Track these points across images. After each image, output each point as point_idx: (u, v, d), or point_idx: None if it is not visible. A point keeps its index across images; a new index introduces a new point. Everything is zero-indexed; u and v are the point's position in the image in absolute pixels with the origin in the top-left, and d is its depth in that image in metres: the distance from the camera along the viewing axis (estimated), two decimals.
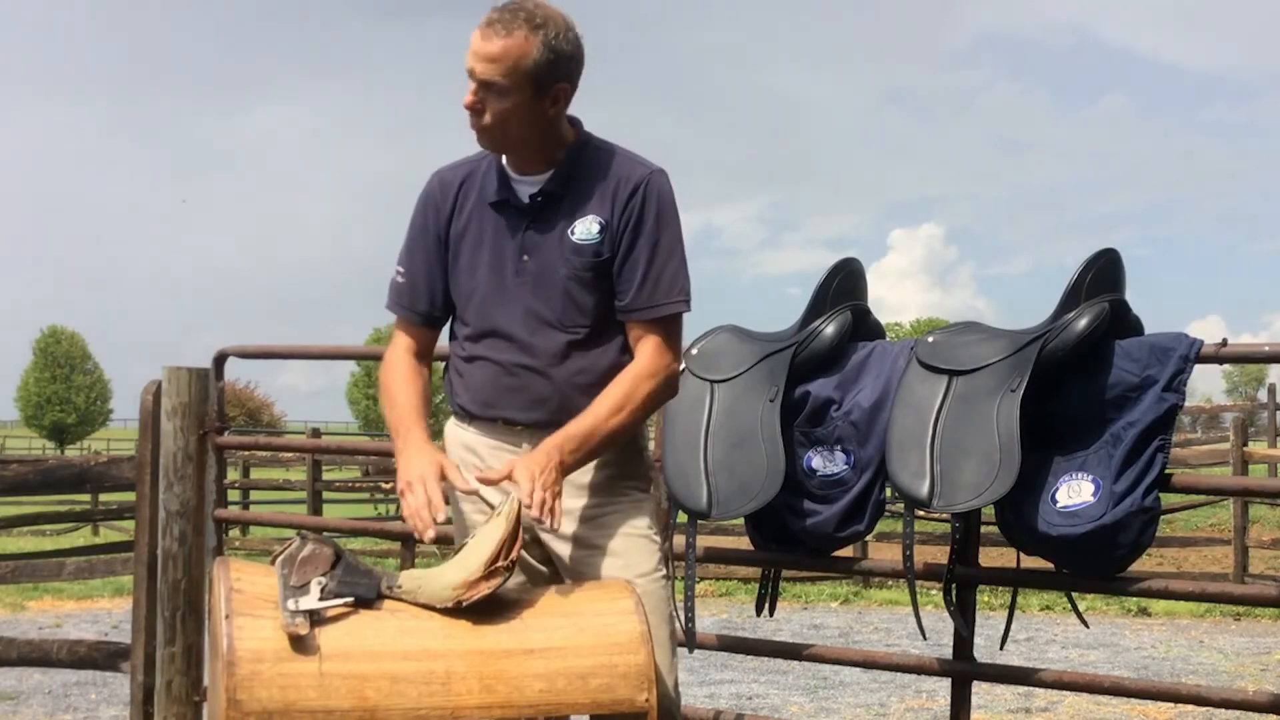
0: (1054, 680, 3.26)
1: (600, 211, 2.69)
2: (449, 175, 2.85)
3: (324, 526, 5.41)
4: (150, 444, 4.36)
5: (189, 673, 4.30)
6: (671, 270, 2.71)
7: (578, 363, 2.71)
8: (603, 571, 2.69)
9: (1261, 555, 12.85)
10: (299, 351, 4.63)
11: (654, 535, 2.75)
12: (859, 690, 7.14)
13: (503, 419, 2.76)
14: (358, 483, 18.39)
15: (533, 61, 2.58)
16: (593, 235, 2.69)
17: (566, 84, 2.65)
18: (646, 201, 2.69)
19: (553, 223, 2.71)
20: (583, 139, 2.75)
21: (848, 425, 3.30)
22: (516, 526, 2.52)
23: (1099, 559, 2.98)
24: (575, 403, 2.67)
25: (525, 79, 2.59)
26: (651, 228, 2.69)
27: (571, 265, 2.69)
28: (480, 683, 2.39)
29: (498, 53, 2.57)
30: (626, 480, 2.76)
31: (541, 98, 2.62)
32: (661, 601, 2.70)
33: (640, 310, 2.70)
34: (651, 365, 2.69)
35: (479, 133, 2.68)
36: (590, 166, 2.72)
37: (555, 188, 2.71)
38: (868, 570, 3.68)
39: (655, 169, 2.73)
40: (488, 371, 2.77)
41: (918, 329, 59.30)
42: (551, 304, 2.70)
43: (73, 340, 68.18)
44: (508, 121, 2.63)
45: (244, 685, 2.31)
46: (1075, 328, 3.06)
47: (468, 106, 2.65)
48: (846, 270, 3.49)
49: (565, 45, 2.62)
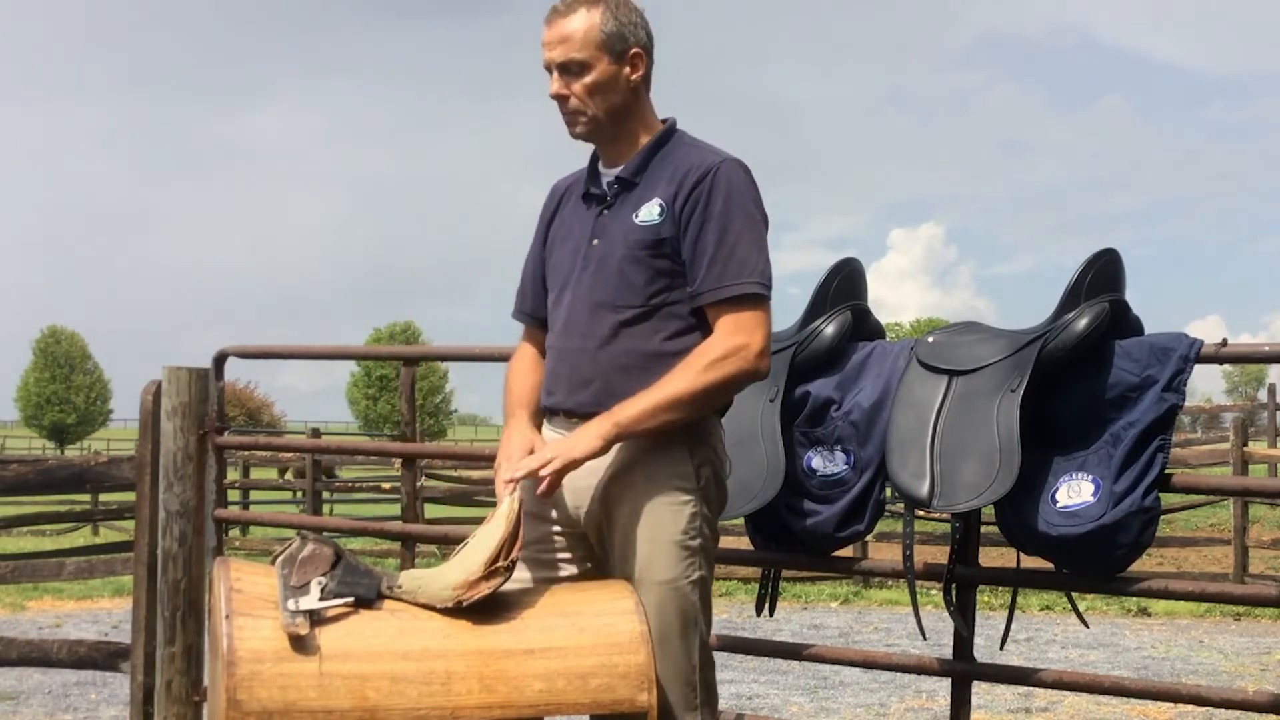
0: (1054, 680, 3.26)
1: (664, 194, 2.70)
2: (560, 183, 2.96)
3: (324, 526, 5.42)
4: (150, 444, 4.36)
5: (189, 673, 4.30)
6: (742, 253, 2.67)
7: (623, 344, 2.70)
8: (631, 575, 2.66)
9: (1261, 555, 12.85)
10: (299, 351, 4.63)
11: (688, 540, 2.68)
12: (859, 690, 7.14)
13: (562, 410, 2.77)
14: (358, 483, 18.40)
15: (601, 31, 2.69)
16: (653, 217, 2.70)
17: (640, 49, 2.73)
18: (715, 187, 2.68)
19: (624, 208, 2.75)
20: (668, 132, 2.80)
21: (848, 425, 3.30)
22: (517, 526, 2.52)
23: (1099, 559, 2.98)
24: (618, 387, 2.66)
25: (599, 48, 2.69)
26: (720, 211, 2.67)
27: (628, 244, 2.70)
28: (480, 683, 2.39)
29: (567, 32, 2.70)
30: (668, 480, 2.69)
31: (620, 64, 2.71)
32: (681, 608, 2.65)
33: (708, 292, 2.67)
34: (720, 346, 2.64)
35: (570, 120, 2.76)
36: (668, 156, 2.76)
37: (630, 174, 2.76)
38: (868, 570, 3.68)
39: (731, 158, 2.73)
40: (552, 358, 2.82)
41: (918, 329, 59.31)
42: (607, 285, 2.71)
43: (73, 340, 68.23)
44: (593, 95, 2.71)
45: (244, 685, 2.31)
46: (1075, 328, 3.06)
47: (554, 95, 2.73)
48: (846, 270, 3.49)
49: (628, 13, 2.73)
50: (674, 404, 2.61)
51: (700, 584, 2.70)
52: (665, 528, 2.67)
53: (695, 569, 2.68)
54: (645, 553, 2.66)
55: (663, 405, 2.60)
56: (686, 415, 2.64)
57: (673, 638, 2.64)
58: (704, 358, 2.63)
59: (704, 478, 2.71)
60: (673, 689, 2.64)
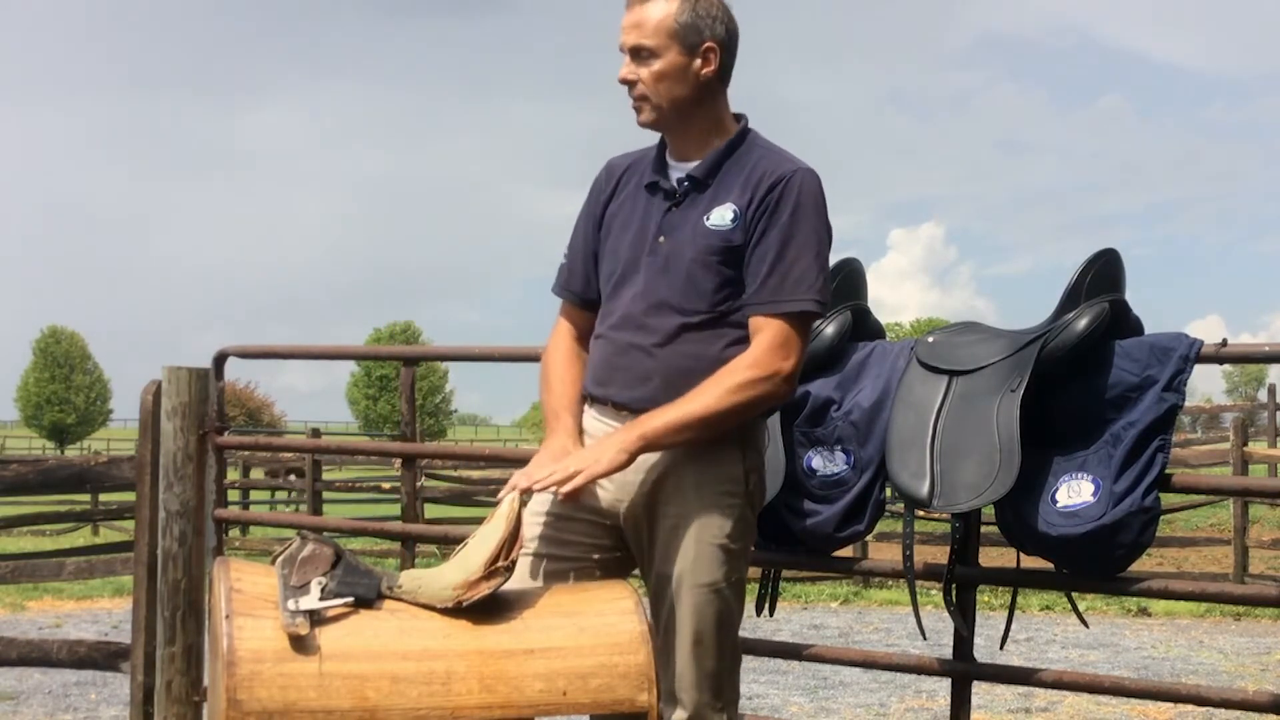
0: (1054, 680, 3.26)
1: (739, 201, 2.68)
2: (617, 161, 2.90)
3: (324, 526, 5.42)
4: (150, 444, 4.36)
5: (189, 673, 4.29)
6: (802, 268, 2.64)
7: (686, 346, 2.67)
8: (671, 574, 2.66)
9: (1261, 555, 12.85)
10: (299, 351, 4.63)
11: (731, 544, 2.67)
12: (859, 690, 7.14)
13: (612, 402, 2.74)
14: (358, 483, 18.39)
15: (676, 21, 2.66)
16: (726, 222, 2.67)
17: (714, 44, 2.69)
18: (785, 195, 2.65)
19: (694, 208, 2.71)
20: (743, 134, 2.77)
21: (848, 425, 3.30)
22: (517, 527, 2.52)
23: (1099, 559, 2.98)
24: (678, 386, 2.63)
25: (670, 37, 2.66)
26: (786, 222, 2.64)
27: (699, 248, 2.67)
28: (480, 683, 2.39)
29: (642, 18, 2.68)
30: (719, 484, 2.68)
31: (691, 56, 2.67)
32: (719, 609, 2.65)
33: (762, 304, 2.64)
34: (761, 362, 2.61)
35: (636, 106, 2.73)
36: (742, 160, 2.72)
37: (702, 174, 2.72)
38: (868, 570, 3.68)
39: (804, 167, 2.70)
40: (604, 350, 2.78)
41: (918, 329, 59.29)
42: (673, 285, 2.68)
43: (73, 340, 68.23)
44: (659, 83, 2.68)
45: (244, 685, 2.31)
46: (1075, 328, 3.06)
47: (622, 79, 2.71)
48: (846, 270, 3.49)
49: (708, 6, 2.69)
50: (700, 423, 2.60)
51: (738, 586, 2.71)
52: (712, 531, 2.66)
53: (735, 571, 2.70)
54: (690, 554, 2.65)
55: (689, 423, 2.59)
56: (709, 434, 2.63)
57: (709, 639, 2.65)
58: (735, 377, 2.61)
59: (751, 482, 2.72)
60: (704, 689, 2.66)
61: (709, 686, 2.66)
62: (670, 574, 2.66)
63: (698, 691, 2.65)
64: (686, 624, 2.64)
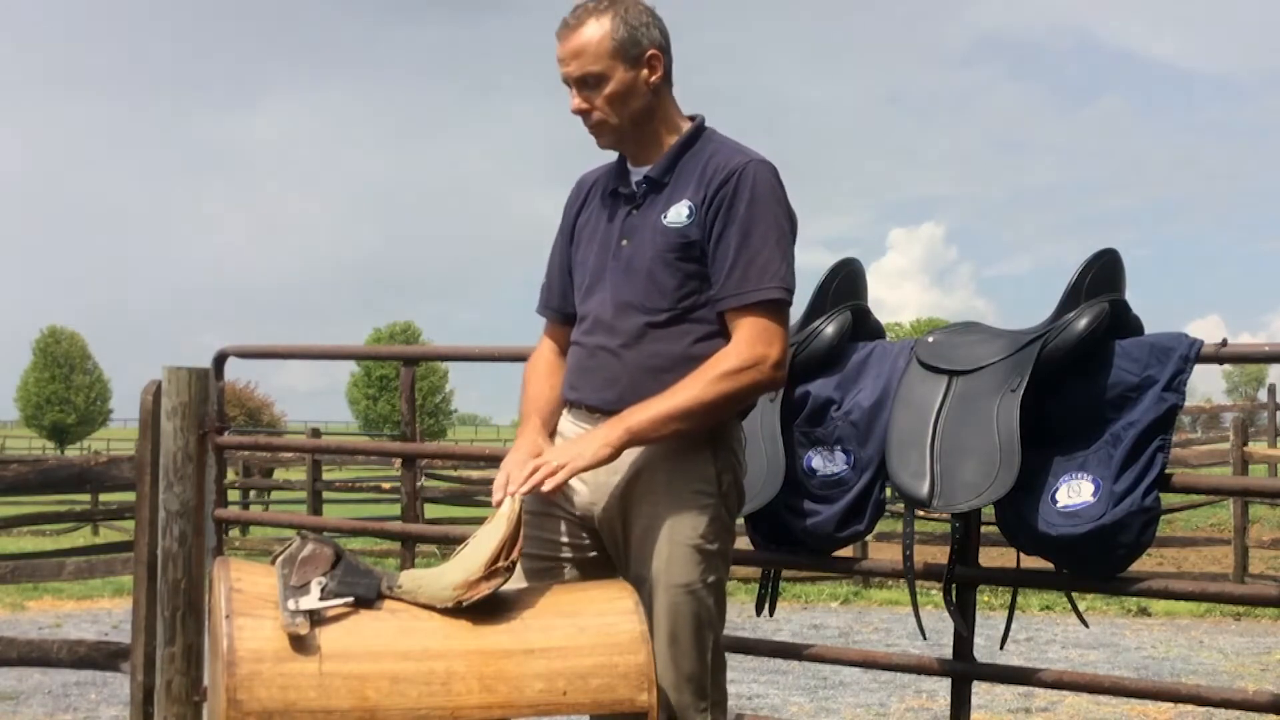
0: (1054, 680, 3.26)
1: (693, 197, 2.68)
2: (586, 176, 2.93)
3: (324, 526, 5.42)
4: (150, 444, 4.36)
5: (189, 673, 4.30)
6: (765, 257, 2.63)
7: (652, 346, 2.68)
8: (647, 575, 2.66)
9: (1261, 555, 12.85)
10: (299, 351, 4.63)
11: (706, 544, 2.67)
12: (859, 690, 7.14)
13: (584, 405, 2.76)
14: (358, 483, 18.38)
15: (612, 39, 2.65)
16: (682, 219, 2.68)
17: (655, 49, 2.69)
18: (740, 188, 2.65)
19: (652, 209, 2.73)
20: (697, 130, 2.77)
21: (848, 425, 3.30)
22: (517, 527, 2.52)
23: (1099, 559, 2.98)
24: (645, 387, 2.63)
25: (613, 57, 2.66)
26: (744, 214, 2.64)
27: (658, 247, 2.68)
28: (480, 683, 2.39)
29: (579, 45, 2.66)
30: (690, 484, 2.68)
31: (637, 68, 2.68)
32: (696, 610, 2.65)
33: (730, 297, 2.64)
34: (739, 354, 2.61)
35: (595, 132, 2.74)
36: (697, 156, 2.73)
37: (658, 174, 2.73)
38: (868, 570, 3.68)
39: (757, 158, 2.70)
40: (577, 355, 2.80)
41: (918, 329, 59.30)
42: (636, 286, 2.70)
43: (73, 340, 68.25)
44: (614, 104, 2.68)
45: (244, 685, 2.31)
46: (1075, 328, 3.06)
47: (575, 111, 2.70)
48: (846, 270, 3.49)
49: (638, 14, 2.68)
50: (686, 413, 2.60)
51: (716, 587, 2.70)
52: (685, 531, 2.66)
53: (712, 572, 2.68)
54: (664, 555, 2.65)
55: (675, 414, 2.59)
56: (698, 425, 2.63)
57: (685, 640, 2.65)
58: (719, 367, 2.61)
59: (725, 482, 2.71)
60: (683, 691, 2.65)
61: (690, 688, 2.65)
62: (645, 575, 2.66)
63: (678, 693, 2.64)
64: (662, 625, 2.63)
